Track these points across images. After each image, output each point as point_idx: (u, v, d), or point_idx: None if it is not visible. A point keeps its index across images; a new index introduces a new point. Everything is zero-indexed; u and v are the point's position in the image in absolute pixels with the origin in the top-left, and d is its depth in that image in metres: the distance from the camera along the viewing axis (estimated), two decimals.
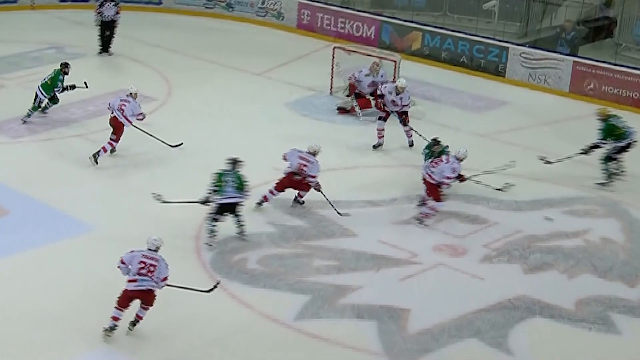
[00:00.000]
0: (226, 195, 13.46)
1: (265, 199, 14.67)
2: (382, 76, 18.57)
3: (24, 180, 15.28)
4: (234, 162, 13.79)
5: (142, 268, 11.26)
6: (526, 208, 15.19)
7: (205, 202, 13.59)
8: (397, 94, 16.86)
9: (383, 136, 17.10)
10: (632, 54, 21.83)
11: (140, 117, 16.20)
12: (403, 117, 17.06)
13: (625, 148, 16.04)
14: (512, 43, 21.84)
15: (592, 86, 20.46)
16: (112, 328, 11.33)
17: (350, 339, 11.66)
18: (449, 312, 12.20)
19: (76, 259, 13.12)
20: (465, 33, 22.32)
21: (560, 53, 21.33)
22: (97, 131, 16.98)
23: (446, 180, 14.33)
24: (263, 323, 11.92)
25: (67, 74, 17.43)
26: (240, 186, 13.54)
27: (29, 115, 17.39)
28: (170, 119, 17.94)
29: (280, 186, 14.63)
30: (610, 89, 20.23)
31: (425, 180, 14.47)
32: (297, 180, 14.52)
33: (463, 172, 14.68)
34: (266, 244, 13.72)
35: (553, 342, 11.80)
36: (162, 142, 16.47)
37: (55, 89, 17.30)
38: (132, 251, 11.42)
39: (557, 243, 14.08)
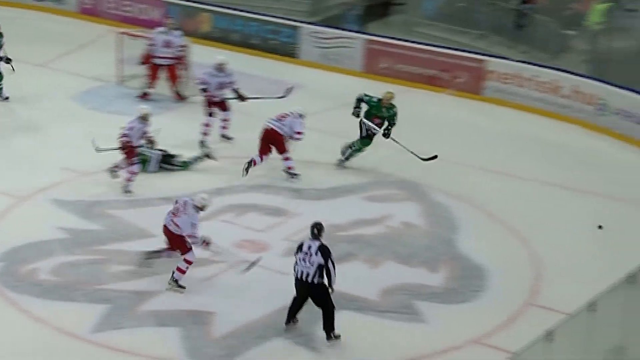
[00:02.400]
0: None
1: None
2: (178, 36, 18.57)
3: None
4: None
5: (174, 208, 12.52)
6: (327, 196, 15.44)
7: None
8: (222, 71, 16.78)
9: (208, 133, 16.93)
10: (422, 29, 22.51)
11: None
12: (239, 93, 17.01)
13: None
14: (302, 22, 22.06)
15: (385, 65, 20.92)
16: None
17: (153, 348, 11.52)
18: (254, 312, 12.24)
19: None
20: (255, 13, 22.38)
21: (351, 31, 21.69)
22: None
23: (297, 136, 15.56)
24: (59, 338, 11.60)
25: None
26: None
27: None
28: None
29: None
30: (404, 67, 20.75)
31: (274, 134, 15.53)
32: None
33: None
34: (58, 251, 13.34)
35: (360, 336, 11.97)
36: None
37: None
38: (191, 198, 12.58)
39: (359, 231, 14.36)
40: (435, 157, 16.02)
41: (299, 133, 15.55)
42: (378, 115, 16.26)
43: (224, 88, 16.94)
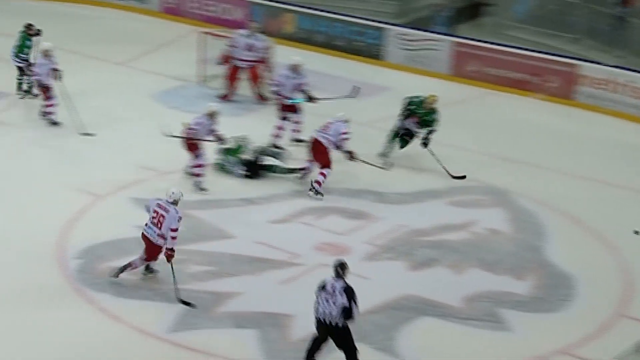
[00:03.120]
0: None
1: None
2: (261, 40, 18.66)
3: None
4: None
5: (154, 217, 12.29)
6: (410, 200, 15.39)
7: None
8: (296, 72, 16.90)
9: (280, 136, 17.02)
10: (513, 32, 22.33)
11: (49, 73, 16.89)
12: (309, 95, 17.10)
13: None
14: (388, 24, 22.05)
15: (473, 68, 20.81)
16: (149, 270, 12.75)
17: (230, 350, 11.61)
18: None
19: None
20: (340, 14, 22.43)
21: (439, 33, 21.63)
22: None
23: (343, 136, 15.14)
24: (135, 337, 11.75)
25: (33, 34, 17.94)
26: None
27: (20, 87, 18.21)
28: (25, 115, 17.55)
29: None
30: (492, 70, 20.62)
31: (318, 145, 15.11)
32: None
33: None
34: (136, 250, 13.49)
35: (442, 343, 11.97)
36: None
37: (22, 54, 17.79)
38: (157, 198, 12.46)
39: (443, 237, 14.31)
40: (464, 177, 15.90)
41: (344, 134, 15.23)
42: (417, 114, 16.36)
43: (297, 90, 17.02)
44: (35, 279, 12.63)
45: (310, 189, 15.22)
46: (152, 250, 12.48)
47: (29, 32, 17.98)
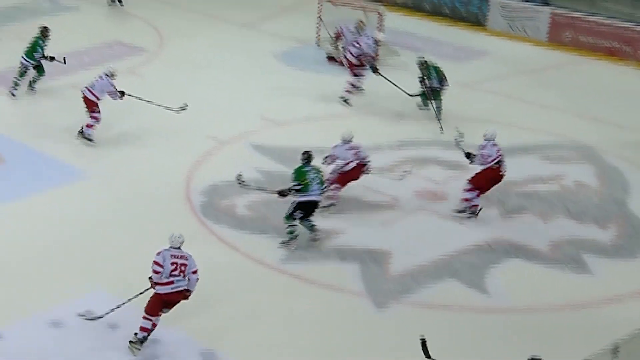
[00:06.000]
0: (313, 193, 12.29)
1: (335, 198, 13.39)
2: (368, 37, 18.50)
3: (19, 129, 15.25)
4: (309, 156, 12.46)
5: (175, 269, 10.24)
6: (504, 154, 15.13)
7: (283, 194, 12.42)
8: (377, 45, 16.84)
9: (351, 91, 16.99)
10: (608, 4, 21.78)
11: (112, 95, 14.77)
12: (374, 66, 16.92)
13: None
14: None
15: (569, 36, 20.43)
16: (142, 340, 10.32)
17: (334, 280, 11.73)
18: (428, 255, 12.30)
19: (70, 204, 13.14)
20: None
21: (538, 3, 21.27)
22: None
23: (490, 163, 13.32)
24: (251, 266, 11.97)
25: (47, 37, 16.37)
26: (322, 181, 12.50)
27: (16, 85, 16.44)
28: (161, 70, 17.88)
29: (344, 182, 13.45)
30: (587, 39, 20.21)
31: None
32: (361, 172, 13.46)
33: None
34: (253, 189, 13.68)
35: (528, 282, 11.90)
36: (165, 107, 15.30)
37: (36, 54, 16.26)
38: (159, 253, 10.26)
39: (533, 187, 14.16)
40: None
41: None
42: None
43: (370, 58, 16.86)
44: (166, 212, 12.93)
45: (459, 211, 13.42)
46: (180, 298, 10.49)
47: (44, 34, 16.38)
